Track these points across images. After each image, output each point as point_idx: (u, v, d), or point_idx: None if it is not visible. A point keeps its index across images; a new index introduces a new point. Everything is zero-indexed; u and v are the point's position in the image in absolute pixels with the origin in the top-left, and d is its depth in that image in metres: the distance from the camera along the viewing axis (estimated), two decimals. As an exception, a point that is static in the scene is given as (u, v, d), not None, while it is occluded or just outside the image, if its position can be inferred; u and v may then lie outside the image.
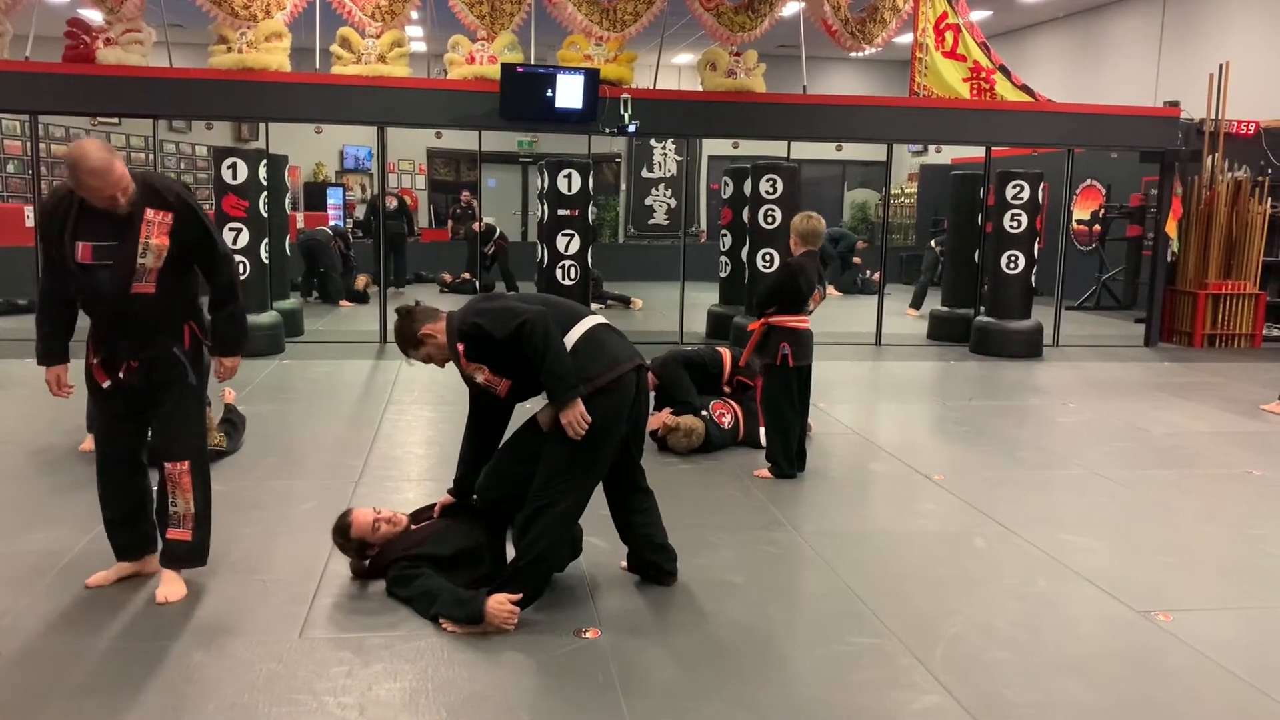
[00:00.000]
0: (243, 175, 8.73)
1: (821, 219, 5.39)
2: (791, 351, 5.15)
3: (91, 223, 3.29)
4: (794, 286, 5.15)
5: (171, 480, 3.51)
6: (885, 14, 10.11)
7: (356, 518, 3.70)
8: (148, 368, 3.44)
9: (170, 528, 3.54)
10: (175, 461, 3.50)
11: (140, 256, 3.30)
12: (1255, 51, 12.29)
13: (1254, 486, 5.44)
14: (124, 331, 3.39)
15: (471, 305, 3.47)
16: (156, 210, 3.32)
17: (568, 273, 9.29)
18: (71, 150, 3.23)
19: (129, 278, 3.31)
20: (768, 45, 10.32)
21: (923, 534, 4.57)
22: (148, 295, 3.35)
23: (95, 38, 8.69)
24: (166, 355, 3.45)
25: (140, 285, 3.32)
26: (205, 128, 15.92)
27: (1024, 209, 9.83)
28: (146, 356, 3.43)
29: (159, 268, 3.34)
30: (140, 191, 3.30)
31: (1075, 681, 3.13)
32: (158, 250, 3.32)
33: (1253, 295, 10.79)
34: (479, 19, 9.29)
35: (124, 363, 3.43)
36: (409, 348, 3.56)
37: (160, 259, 3.33)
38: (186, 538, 3.55)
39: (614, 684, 3.02)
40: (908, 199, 18.75)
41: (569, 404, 3.28)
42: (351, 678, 3.02)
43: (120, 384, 3.45)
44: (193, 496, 3.53)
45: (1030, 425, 6.87)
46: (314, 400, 7.03)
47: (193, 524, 3.55)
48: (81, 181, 3.19)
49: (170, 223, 3.35)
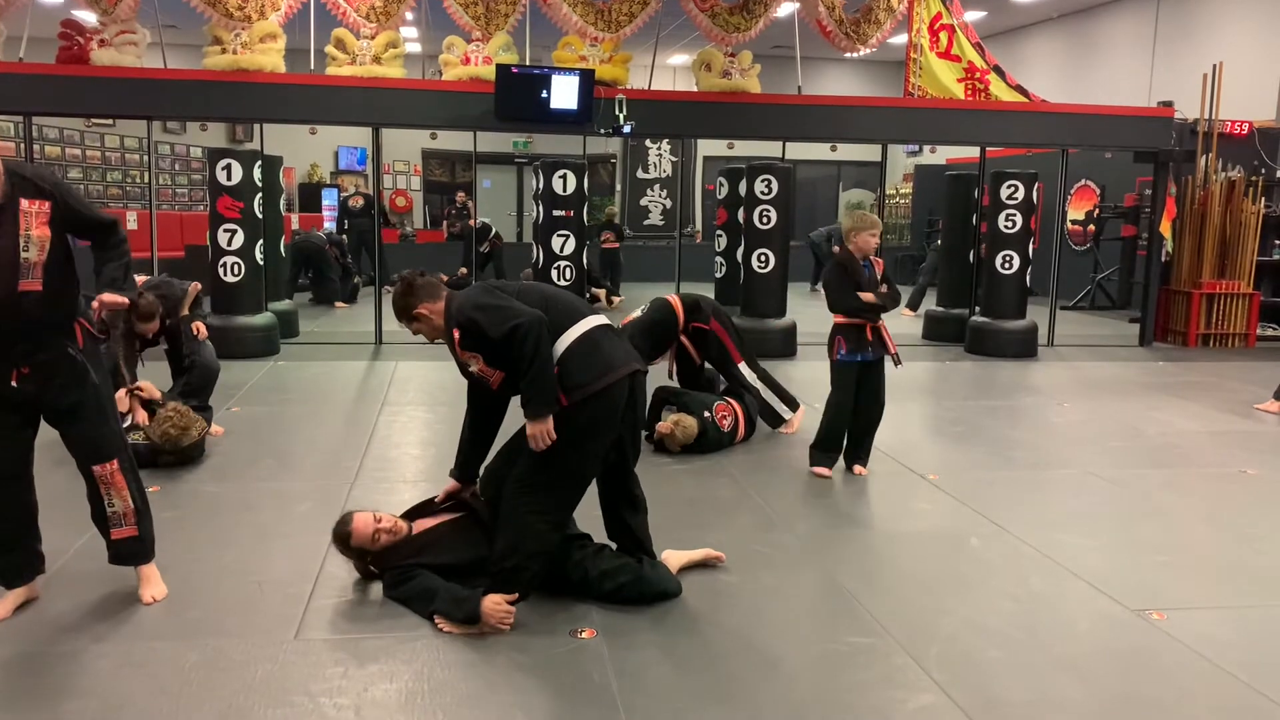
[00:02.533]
0: (237, 176, 8.71)
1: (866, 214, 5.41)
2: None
3: None
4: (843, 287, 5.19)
5: (104, 481, 3.41)
6: (880, 14, 10.12)
7: (356, 527, 3.64)
8: (42, 372, 3.25)
9: (113, 529, 3.47)
10: (104, 462, 3.40)
11: (23, 250, 3.09)
12: (1248, 52, 12.32)
13: (1248, 486, 5.45)
14: (13, 335, 3.17)
15: (473, 296, 3.44)
16: (32, 200, 3.11)
17: (563, 273, 9.29)
18: None
19: (14, 275, 3.09)
20: (763, 46, 10.33)
21: (918, 534, 4.57)
22: (35, 293, 3.13)
23: (89, 39, 8.67)
24: (62, 357, 3.28)
25: (27, 282, 3.11)
26: (200, 129, 15.92)
27: (1019, 209, 9.85)
28: (40, 360, 3.24)
29: (43, 261, 3.13)
30: (10, 181, 3.08)
31: (1070, 680, 3.13)
32: (40, 242, 3.11)
33: (1247, 295, 10.82)
34: (474, 20, 9.29)
35: (13, 369, 3.22)
36: (403, 319, 3.55)
37: (44, 252, 3.13)
38: (134, 533, 3.49)
39: (610, 684, 3.03)
40: (903, 199, 18.77)
41: (539, 419, 3.30)
42: (347, 679, 3.02)
43: (8, 392, 3.23)
44: (129, 492, 3.46)
45: (1025, 425, 6.88)
46: (309, 401, 7.02)
47: (135, 519, 3.49)
48: None
49: (49, 211, 3.14)
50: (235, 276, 8.74)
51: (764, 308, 9.58)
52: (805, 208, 18.32)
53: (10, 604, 3.39)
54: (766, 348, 9.34)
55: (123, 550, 3.51)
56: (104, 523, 3.47)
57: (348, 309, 12.69)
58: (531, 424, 3.32)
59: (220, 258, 8.73)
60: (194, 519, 4.44)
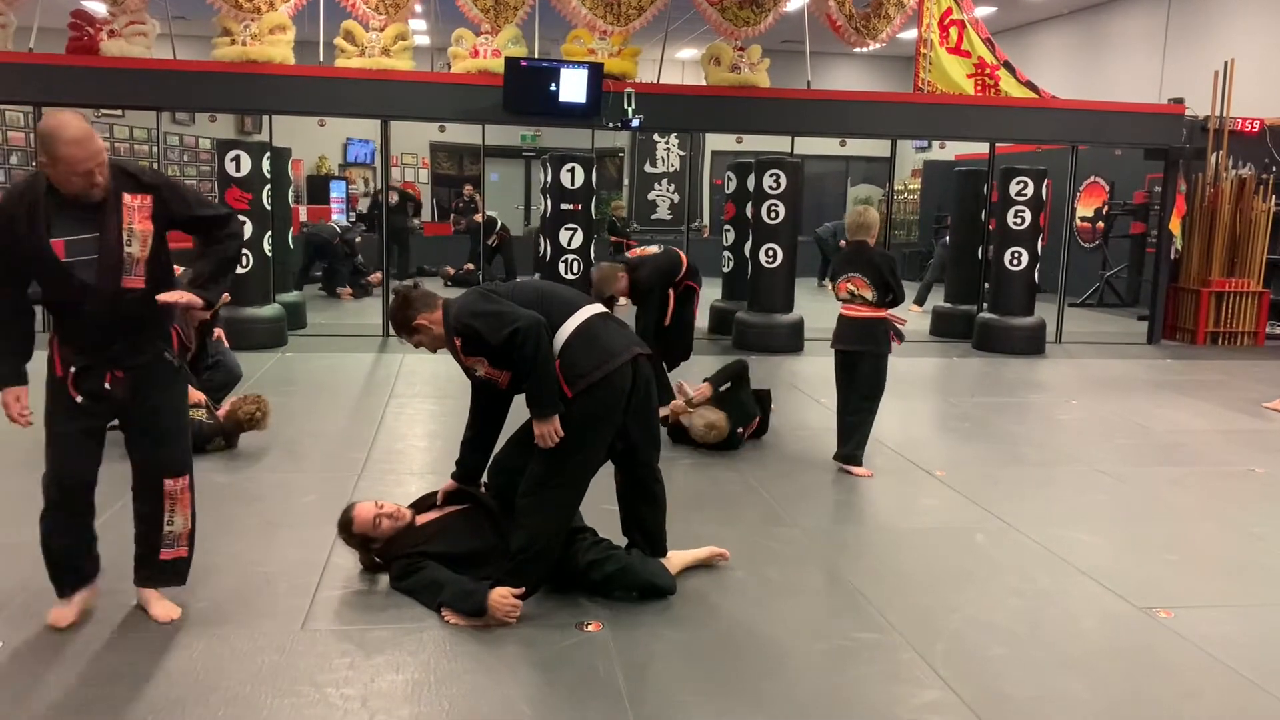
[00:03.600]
0: (246, 168, 8.72)
1: (874, 211, 5.52)
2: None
3: (63, 217, 2.96)
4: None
5: (171, 497, 3.25)
6: (890, 9, 10.09)
7: (358, 513, 3.68)
8: (136, 377, 3.14)
9: (165, 549, 3.28)
10: (177, 476, 3.25)
11: (126, 245, 3.00)
12: (1260, 49, 12.25)
13: (1256, 484, 5.44)
14: (113, 335, 3.07)
15: (468, 303, 3.43)
16: (134, 194, 3.03)
17: (570, 267, 9.28)
18: (48, 120, 2.93)
19: (119, 270, 3.00)
20: (772, 40, 10.30)
21: (924, 530, 4.57)
22: (138, 290, 3.04)
23: (99, 29, 8.69)
24: (158, 362, 3.19)
25: (130, 279, 3.02)
26: (209, 120, 15.89)
27: (1028, 205, 9.82)
28: (135, 364, 3.13)
29: (145, 258, 3.04)
30: (114, 176, 3.00)
31: (1076, 678, 3.13)
32: (143, 236, 3.03)
33: (1256, 293, 10.77)
34: (483, 12, 9.28)
35: (108, 372, 3.10)
36: (402, 332, 3.57)
37: (146, 247, 3.03)
38: (183, 554, 3.35)
39: (615, 677, 3.03)
40: (911, 195, 18.72)
41: (546, 419, 3.31)
42: (354, 670, 3.03)
43: (102, 395, 3.11)
44: (190, 512, 3.33)
45: (1032, 422, 6.87)
46: (316, 393, 7.03)
47: (188, 541, 3.35)
48: (59, 154, 2.87)
49: (150, 205, 3.04)
50: (243, 268, 8.71)
51: (771, 303, 9.57)
52: (813, 203, 18.28)
53: (78, 607, 3.27)
54: (774, 343, 9.35)
55: (168, 572, 3.32)
56: (155, 541, 3.27)
57: (354, 300, 12.70)
58: (539, 424, 3.33)
59: (229, 249, 8.71)
60: (201, 509, 4.39)
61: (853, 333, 5.31)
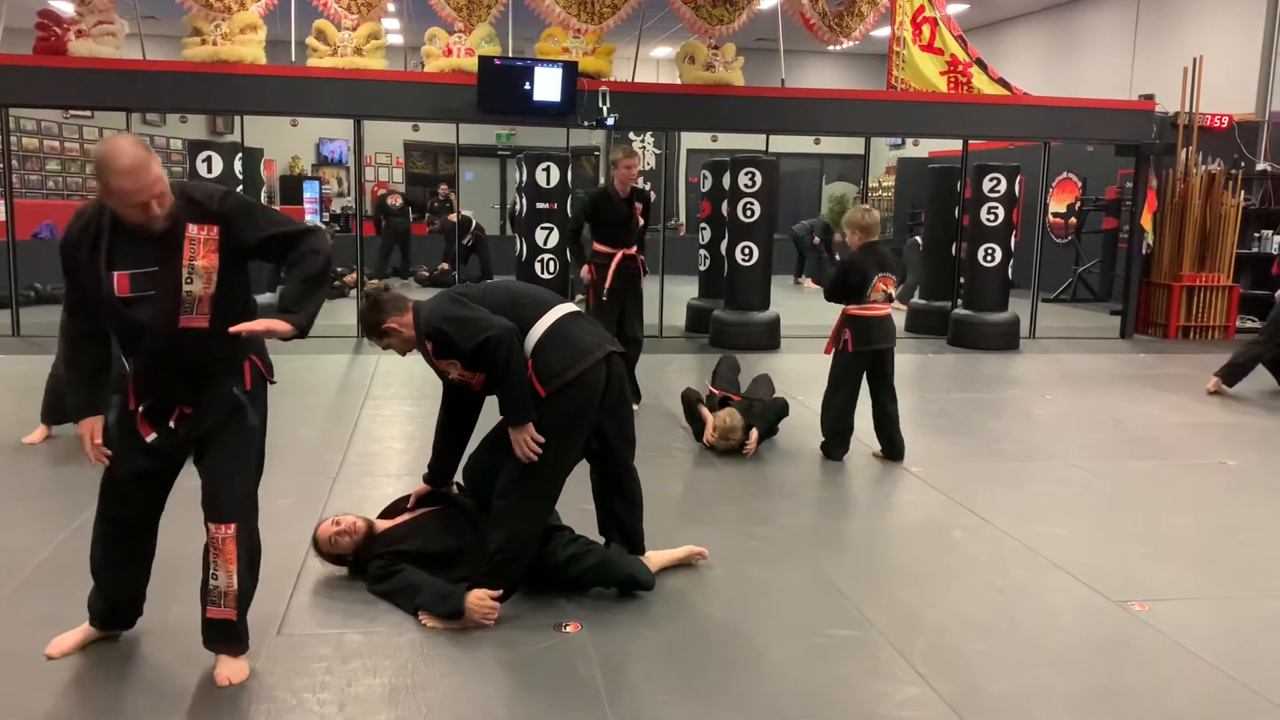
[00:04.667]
0: (218, 169, 8.66)
1: (876, 212, 5.65)
2: (851, 337, 5.42)
3: (126, 248, 2.74)
4: (845, 283, 5.44)
5: (215, 545, 2.91)
6: (863, 7, 10.13)
7: (319, 534, 3.71)
8: (201, 413, 2.91)
9: (210, 605, 2.95)
10: (222, 523, 2.91)
11: (186, 283, 2.75)
12: (1228, 46, 12.38)
13: (1228, 477, 5.49)
14: (174, 374, 2.86)
15: (439, 307, 3.42)
16: (199, 225, 2.76)
17: (546, 266, 9.26)
18: (101, 147, 2.66)
19: (175, 310, 2.76)
20: (746, 39, 10.32)
21: (902, 526, 4.59)
22: (200, 330, 2.79)
23: (67, 29, 8.59)
24: (225, 397, 2.92)
25: (190, 319, 2.77)
26: (179, 121, 15.77)
27: (1001, 202, 9.88)
28: (203, 400, 2.90)
29: (210, 294, 2.78)
30: (180, 204, 2.75)
31: (1053, 671, 3.15)
32: (206, 274, 2.76)
33: (1226, 287, 10.89)
34: (456, 11, 9.24)
35: (175, 409, 2.89)
36: (372, 336, 3.57)
37: (211, 283, 2.78)
38: (230, 616, 2.95)
39: (595, 678, 3.02)
40: (885, 192, 18.80)
41: (519, 427, 3.30)
42: (330, 674, 3.01)
43: (169, 434, 2.91)
44: (236, 570, 2.91)
45: (1007, 417, 6.91)
46: (291, 395, 6.96)
47: (235, 602, 2.94)
48: (111, 185, 2.62)
49: (217, 237, 2.78)
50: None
51: (748, 301, 9.58)
52: (789, 201, 18.32)
53: (79, 641, 3.10)
54: (751, 340, 9.36)
55: (216, 633, 2.99)
56: (205, 594, 2.98)
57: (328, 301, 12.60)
58: (514, 432, 3.32)
59: (201, 251, 8.65)
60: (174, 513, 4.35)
61: (888, 331, 5.50)
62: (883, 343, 5.48)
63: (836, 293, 5.51)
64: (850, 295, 5.43)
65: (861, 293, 5.38)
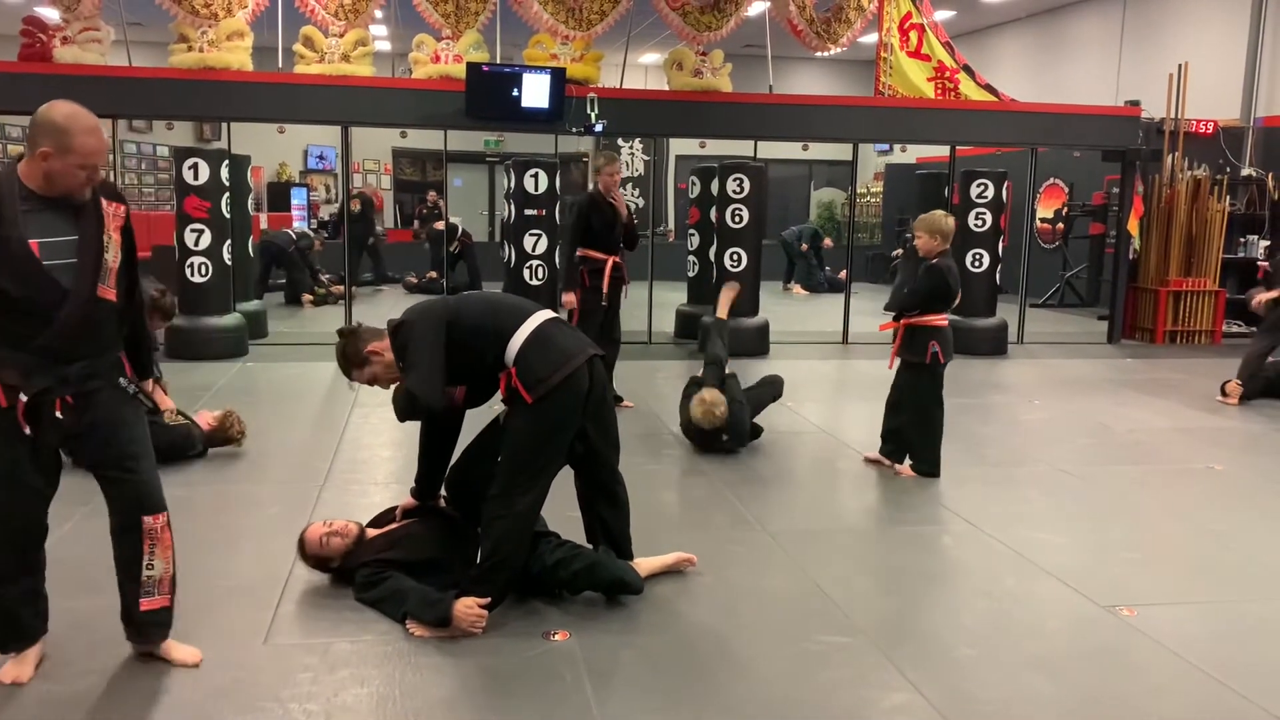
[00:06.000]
0: (204, 176, 8.61)
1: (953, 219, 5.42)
2: (941, 349, 5.21)
3: (36, 219, 2.70)
4: (946, 287, 5.19)
5: (152, 536, 2.93)
6: (850, 14, 10.16)
7: (308, 534, 3.68)
8: (88, 405, 2.82)
9: (144, 598, 2.95)
10: (157, 513, 2.94)
11: (105, 250, 2.79)
12: (1213, 52, 12.45)
13: (1216, 481, 5.51)
14: (74, 349, 2.77)
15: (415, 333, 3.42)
16: (110, 201, 2.84)
17: (535, 273, 9.25)
18: (59, 109, 2.72)
19: (95, 275, 2.76)
20: (734, 45, 10.33)
21: (890, 532, 4.59)
22: (110, 303, 2.82)
23: (52, 36, 8.54)
24: (113, 389, 2.88)
25: (105, 288, 2.80)
26: (166, 128, 15.72)
27: (988, 208, 9.91)
28: (89, 389, 2.82)
29: (117, 269, 2.84)
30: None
31: (1042, 677, 3.15)
32: (115, 247, 2.83)
33: (1212, 292, 10.94)
34: (444, 18, 9.23)
35: (58, 398, 2.78)
36: (353, 368, 3.58)
37: (117, 259, 2.84)
38: (166, 604, 3.01)
39: (584, 686, 3.01)
40: (873, 198, 18.85)
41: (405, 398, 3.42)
42: (317, 684, 2.98)
43: (50, 425, 2.79)
44: (172, 553, 3.01)
45: (996, 422, 6.92)
46: (278, 403, 6.94)
47: (169, 587, 3.01)
48: (74, 144, 2.65)
49: (123, 216, 2.88)
50: (202, 277, 8.63)
51: (737, 306, 9.54)
52: (777, 207, 18.36)
53: (32, 663, 2.99)
54: (740, 346, 9.34)
55: (148, 624, 3.00)
56: (134, 591, 2.96)
57: (314, 307, 12.58)
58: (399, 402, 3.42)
59: (187, 258, 8.62)
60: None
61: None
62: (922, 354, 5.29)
63: (930, 301, 5.23)
64: (942, 302, 5.22)
65: (950, 301, 5.23)
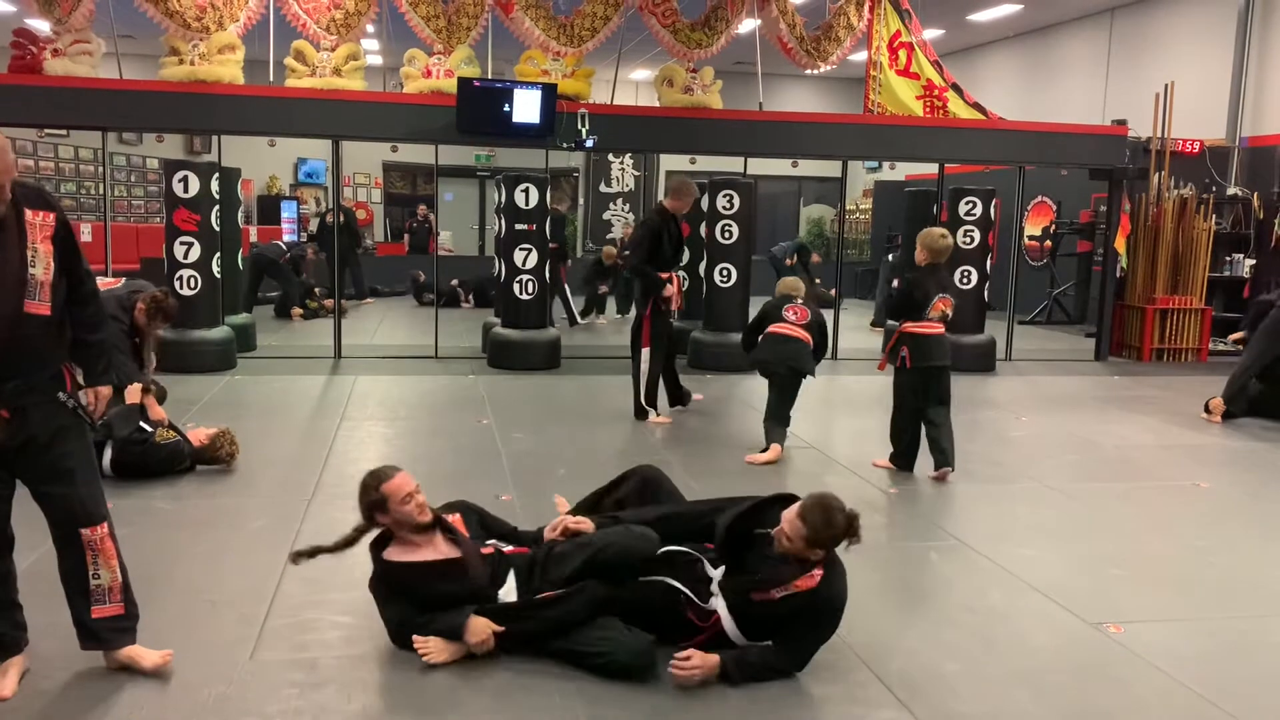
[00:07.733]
0: (194, 189, 8.61)
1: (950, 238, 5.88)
2: (909, 354, 5.65)
3: None
4: (910, 299, 5.68)
5: (93, 548, 2.96)
6: (840, 32, 10.22)
7: (396, 482, 3.31)
8: (27, 419, 2.82)
9: (95, 606, 3.00)
10: (96, 524, 2.96)
11: (30, 265, 2.75)
12: (1199, 72, 12.56)
13: (1201, 499, 5.53)
14: (9, 368, 2.76)
15: None
16: (36, 210, 2.78)
17: (525, 287, 9.26)
18: None
19: (20, 292, 2.73)
20: (724, 62, 10.39)
21: (877, 548, 4.58)
22: (43, 318, 2.79)
23: (43, 48, 8.54)
24: (52, 403, 2.88)
25: (34, 304, 2.76)
26: (156, 140, 15.67)
27: (977, 225, 9.97)
28: (28, 404, 2.81)
29: (49, 282, 2.80)
30: (16, 191, 2.75)
31: (1028, 693, 3.15)
32: (45, 259, 2.78)
33: (1199, 310, 11.01)
34: (435, 33, 9.26)
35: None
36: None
37: (49, 271, 2.79)
38: (119, 612, 3.04)
39: (572, 702, 3.00)
40: (863, 215, 18.92)
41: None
42: (303, 700, 2.97)
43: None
44: (117, 561, 3.03)
45: (983, 439, 6.94)
46: (266, 416, 6.92)
47: (121, 594, 3.05)
48: None
49: (53, 225, 2.81)
50: (191, 290, 8.62)
51: (726, 322, 9.59)
52: (767, 223, 18.41)
53: (14, 678, 2.98)
54: (729, 362, 9.37)
55: (103, 631, 3.03)
56: (84, 599, 3.00)
57: (304, 320, 12.56)
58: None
59: (176, 271, 8.61)
60: (146, 536, 4.35)
61: (944, 349, 5.74)
62: (939, 359, 5.67)
63: (900, 308, 5.80)
64: (911, 312, 5.65)
65: (922, 310, 5.61)
